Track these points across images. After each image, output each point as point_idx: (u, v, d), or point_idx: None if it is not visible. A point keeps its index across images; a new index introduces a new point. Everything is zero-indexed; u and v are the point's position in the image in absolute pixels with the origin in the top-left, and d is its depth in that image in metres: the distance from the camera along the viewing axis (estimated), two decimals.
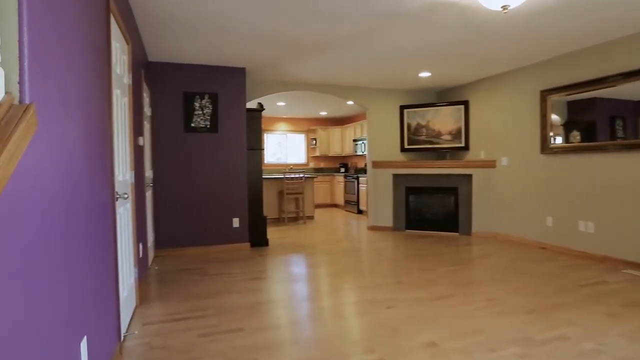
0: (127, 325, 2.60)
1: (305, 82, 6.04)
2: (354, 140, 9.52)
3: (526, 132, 5.19)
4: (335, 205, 10.22)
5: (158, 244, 4.75)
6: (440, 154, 6.85)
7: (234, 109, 5.05)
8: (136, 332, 2.56)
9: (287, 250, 5.02)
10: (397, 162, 6.33)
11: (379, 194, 6.50)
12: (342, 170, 10.73)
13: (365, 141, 8.88)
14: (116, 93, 2.47)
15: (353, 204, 8.99)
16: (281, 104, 8.14)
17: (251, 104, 7.14)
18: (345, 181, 9.35)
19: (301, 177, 7.43)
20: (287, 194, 7.32)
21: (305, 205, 7.82)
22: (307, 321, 2.72)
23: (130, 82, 2.98)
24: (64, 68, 1.38)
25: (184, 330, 2.58)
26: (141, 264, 3.45)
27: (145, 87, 4.20)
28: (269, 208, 7.63)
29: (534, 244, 5.08)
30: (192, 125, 4.87)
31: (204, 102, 4.91)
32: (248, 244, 5.13)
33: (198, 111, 4.89)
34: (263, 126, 10.18)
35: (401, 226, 6.42)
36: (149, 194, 4.31)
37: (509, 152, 5.50)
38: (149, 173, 4.42)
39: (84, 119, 1.64)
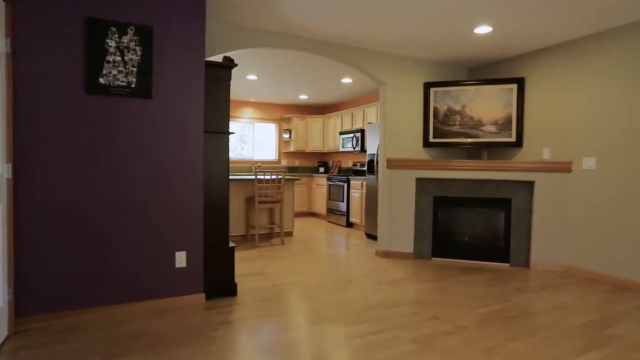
0: None
1: (298, 36, 3.95)
2: (341, 133, 7.54)
3: (637, 119, 3.47)
4: (314, 214, 8.18)
5: (22, 308, 2.45)
6: (473, 151, 5.04)
7: (184, 58, 2.86)
8: None
9: (268, 308, 2.91)
10: (424, 162, 4.42)
11: (395, 206, 4.55)
12: (322, 170, 8.72)
13: (357, 134, 6.95)
14: None
15: (340, 214, 7.00)
16: (252, 77, 5.96)
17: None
18: (330, 184, 7.33)
19: (280, 178, 5.32)
20: (260, 202, 5.18)
21: (284, 218, 5.71)
22: None
23: None
24: None
25: None
26: None
27: None
28: (232, 221, 5.44)
29: None
30: (102, 81, 2.62)
31: (125, 41, 2.68)
32: (202, 295, 2.96)
33: (114, 56, 2.65)
34: None
35: (426, 252, 4.52)
36: None
37: (598, 151, 3.76)
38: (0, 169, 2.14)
39: None
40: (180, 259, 2.87)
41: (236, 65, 3.12)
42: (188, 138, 2.89)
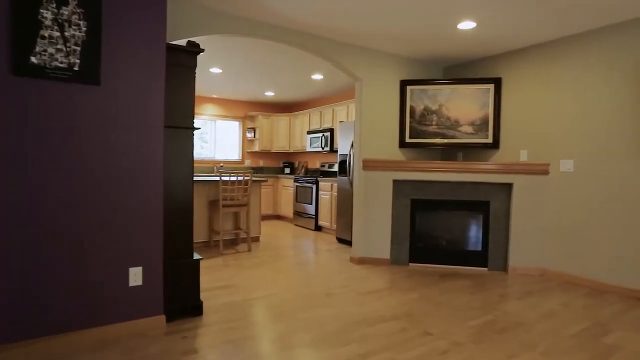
0: None
1: (272, 24, 3.59)
2: (309, 133, 7.23)
3: (616, 122, 3.44)
4: (279, 217, 7.81)
5: None
6: (448, 152, 4.93)
7: (141, 39, 2.42)
8: None
9: (239, 330, 2.54)
10: (402, 163, 4.21)
11: (371, 209, 4.31)
12: (288, 170, 8.37)
13: (326, 134, 6.68)
14: None
15: (308, 217, 6.69)
16: (216, 70, 5.50)
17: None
18: (297, 186, 7.00)
19: (246, 180, 4.92)
20: (225, 205, 4.75)
21: (250, 222, 5.31)
22: None
23: None
24: None
25: None
26: None
27: None
28: (194, 227, 4.96)
29: (626, 292, 3.35)
30: (34, 61, 2.14)
31: (66, 13, 2.21)
32: (162, 318, 2.53)
33: (51, 30, 2.17)
34: None
35: (403, 258, 4.31)
36: None
37: (576, 153, 3.73)
38: None
39: None
40: (135, 276, 2.43)
41: (202, 50, 2.72)
42: (145, 133, 2.46)
